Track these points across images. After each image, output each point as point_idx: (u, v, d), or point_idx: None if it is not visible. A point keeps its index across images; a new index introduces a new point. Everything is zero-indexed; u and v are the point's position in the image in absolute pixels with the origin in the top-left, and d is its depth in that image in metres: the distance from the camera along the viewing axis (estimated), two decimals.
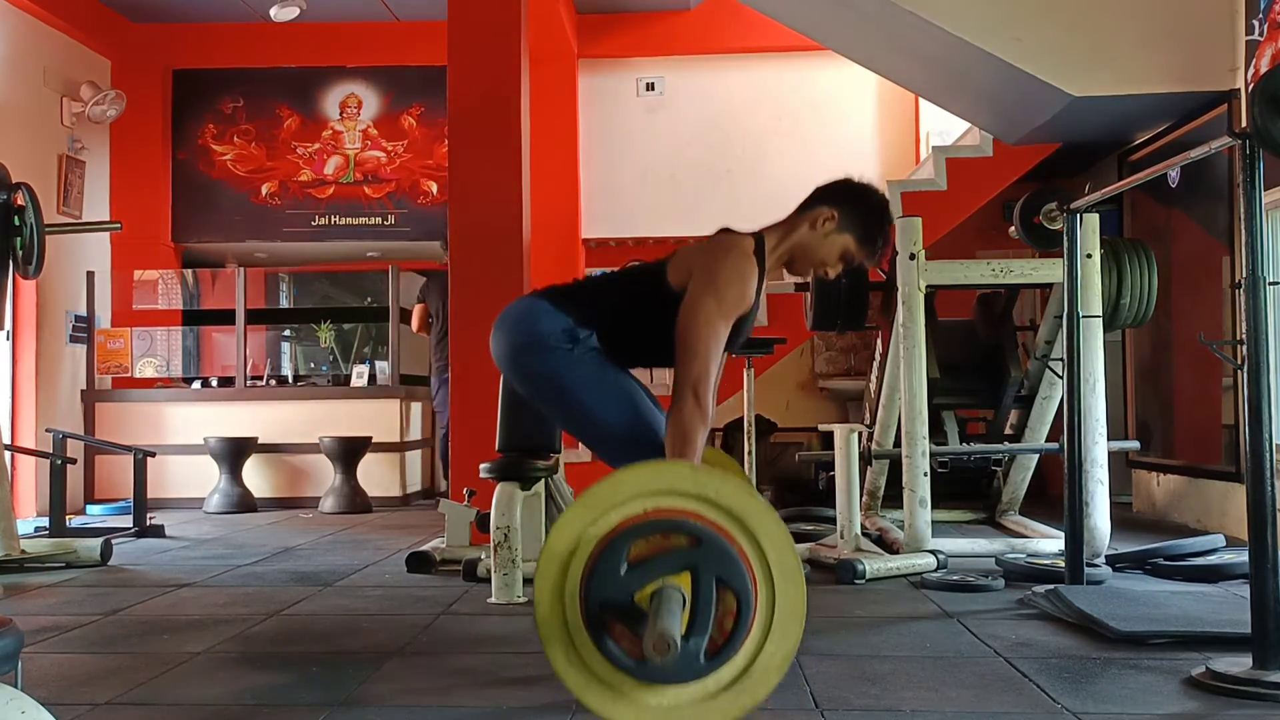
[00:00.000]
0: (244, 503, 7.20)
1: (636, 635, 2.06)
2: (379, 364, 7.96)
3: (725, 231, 2.68)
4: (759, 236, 2.65)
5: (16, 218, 4.68)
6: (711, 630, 2.06)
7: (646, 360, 2.73)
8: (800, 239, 2.67)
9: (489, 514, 3.86)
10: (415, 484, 8.02)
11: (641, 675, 2.09)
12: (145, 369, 8.02)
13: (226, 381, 8.02)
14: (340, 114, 8.84)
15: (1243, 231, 2.66)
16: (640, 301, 2.64)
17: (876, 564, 4.18)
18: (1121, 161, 6.60)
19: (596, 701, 2.14)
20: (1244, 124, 3.63)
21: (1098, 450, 4.34)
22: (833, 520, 4.61)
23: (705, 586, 2.06)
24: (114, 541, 5.18)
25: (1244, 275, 2.64)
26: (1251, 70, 5.11)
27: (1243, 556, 3.67)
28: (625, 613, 2.07)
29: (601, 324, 2.63)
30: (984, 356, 5.52)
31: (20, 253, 4.72)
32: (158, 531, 5.87)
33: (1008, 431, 5.60)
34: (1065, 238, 3.81)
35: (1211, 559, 4.21)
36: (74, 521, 6.35)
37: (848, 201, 2.67)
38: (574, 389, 2.61)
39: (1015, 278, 4.76)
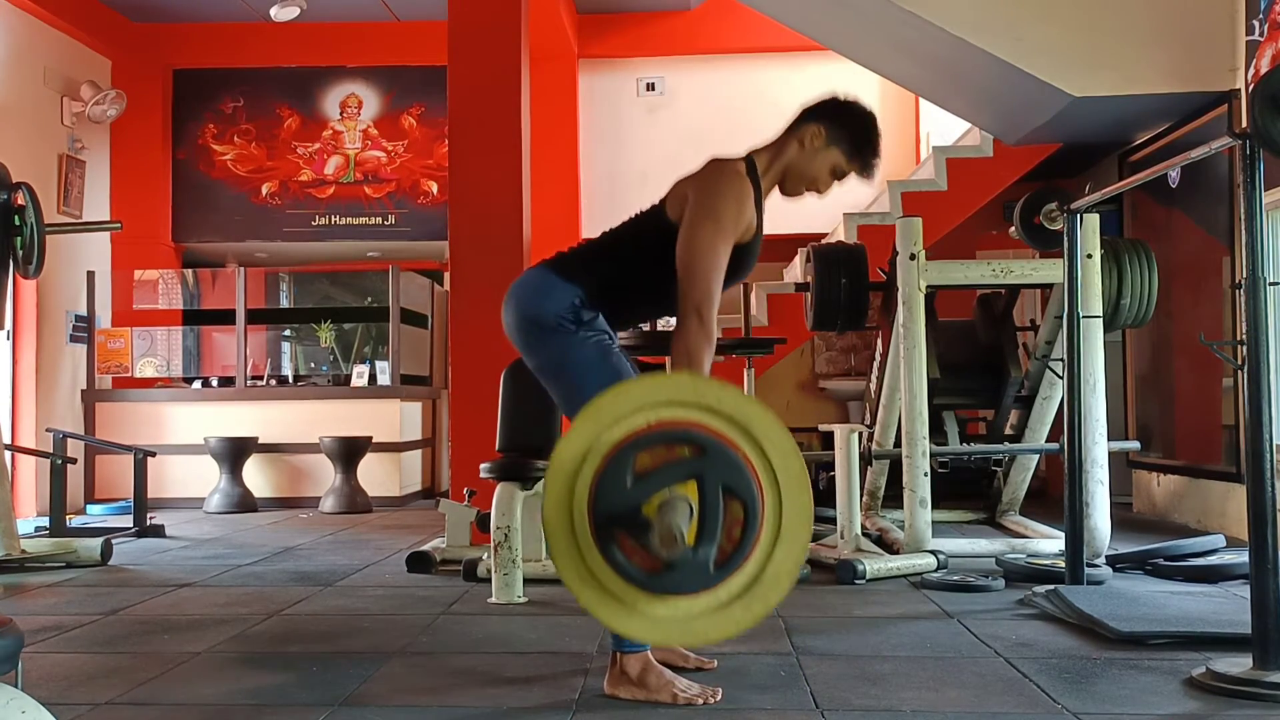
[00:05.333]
0: (244, 503, 7.20)
1: (646, 548, 2.03)
2: (379, 364, 7.96)
3: (715, 159, 2.67)
4: (749, 158, 2.65)
5: (16, 217, 4.68)
6: (720, 539, 2.04)
7: (659, 308, 2.72)
8: (790, 158, 2.68)
9: (489, 514, 3.87)
10: (414, 484, 8.02)
11: (653, 587, 2.06)
12: (145, 369, 8.02)
13: (227, 381, 8.02)
14: (340, 114, 8.84)
15: (1243, 231, 2.66)
16: (644, 244, 2.62)
17: (877, 564, 4.18)
18: (1122, 162, 6.60)
19: (609, 615, 2.12)
20: (1244, 124, 3.63)
21: (1098, 450, 4.34)
22: (833, 520, 4.61)
23: (711, 495, 2.03)
24: (114, 541, 5.18)
25: (1244, 275, 2.64)
26: (1251, 70, 5.11)
27: (1243, 557, 3.67)
28: (633, 525, 2.05)
29: (609, 284, 2.62)
30: (984, 357, 5.52)
31: (20, 253, 4.72)
32: (158, 531, 5.87)
33: (1008, 432, 5.60)
34: (1065, 238, 3.81)
35: (1211, 559, 4.20)
36: (74, 521, 6.35)
37: (833, 116, 2.69)
38: (572, 372, 2.58)
39: (1015, 278, 4.76)
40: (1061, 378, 3.99)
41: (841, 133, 2.67)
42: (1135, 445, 5.42)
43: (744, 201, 2.54)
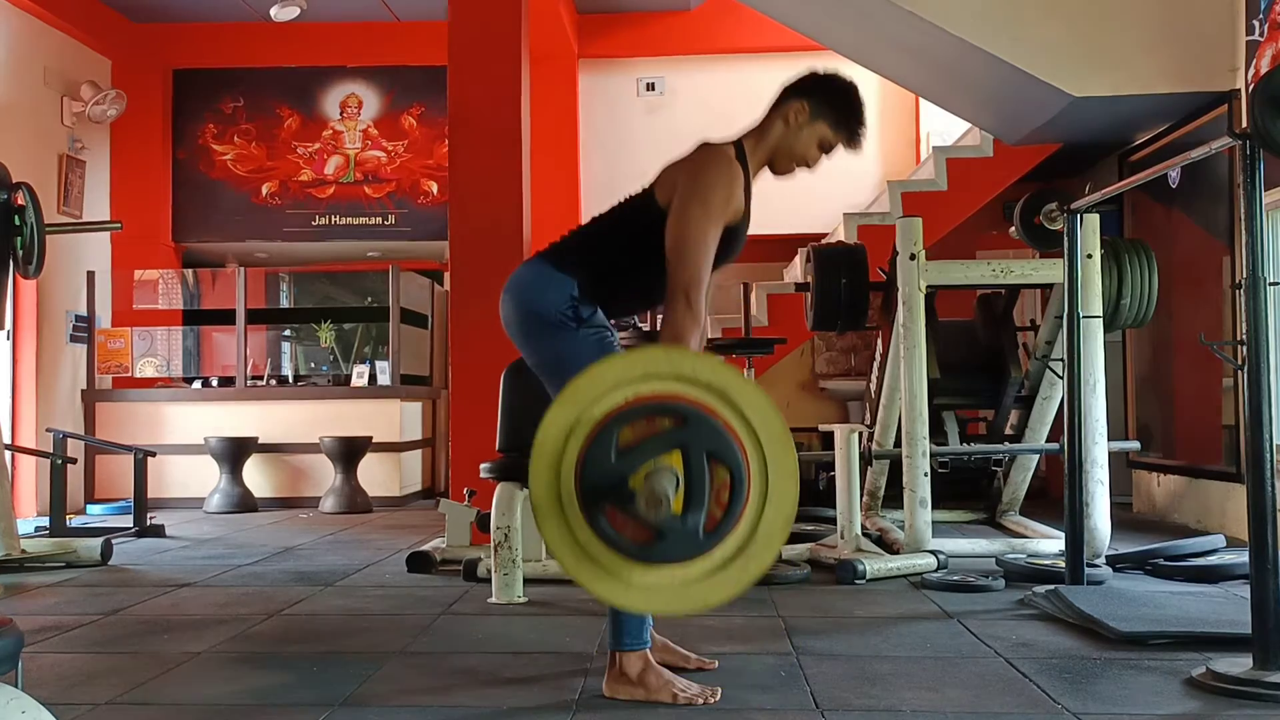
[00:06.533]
0: (244, 503, 7.20)
1: (635, 518, 2.05)
2: (379, 364, 7.96)
3: (704, 144, 2.68)
4: (738, 142, 2.68)
5: (17, 217, 4.68)
6: (709, 505, 2.07)
7: (649, 298, 2.75)
8: (776, 137, 2.70)
9: (489, 514, 3.87)
10: (414, 484, 8.02)
11: (646, 557, 2.08)
12: (145, 369, 8.02)
13: (227, 381, 8.03)
14: (340, 114, 8.84)
15: (1243, 231, 2.66)
16: (635, 232, 2.63)
17: (877, 564, 4.17)
18: (1122, 162, 6.60)
19: (606, 590, 2.13)
20: (1244, 124, 3.63)
21: (1098, 451, 4.34)
22: (833, 520, 4.61)
23: (696, 462, 2.06)
24: (114, 541, 5.18)
25: (1244, 275, 2.64)
26: (1252, 70, 5.11)
27: (1243, 557, 3.67)
28: (621, 498, 2.07)
29: (602, 274, 2.63)
30: (984, 357, 5.52)
31: (20, 253, 4.72)
32: (158, 531, 5.87)
33: (1008, 432, 5.60)
34: (1065, 238, 3.81)
35: (1211, 559, 4.20)
36: (74, 521, 6.35)
37: (815, 90, 2.70)
38: (575, 368, 2.60)
39: (1015, 278, 4.76)
40: (1061, 378, 3.99)
41: (824, 106, 2.69)
42: (1135, 445, 5.43)
43: (733, 185, 2.56)
